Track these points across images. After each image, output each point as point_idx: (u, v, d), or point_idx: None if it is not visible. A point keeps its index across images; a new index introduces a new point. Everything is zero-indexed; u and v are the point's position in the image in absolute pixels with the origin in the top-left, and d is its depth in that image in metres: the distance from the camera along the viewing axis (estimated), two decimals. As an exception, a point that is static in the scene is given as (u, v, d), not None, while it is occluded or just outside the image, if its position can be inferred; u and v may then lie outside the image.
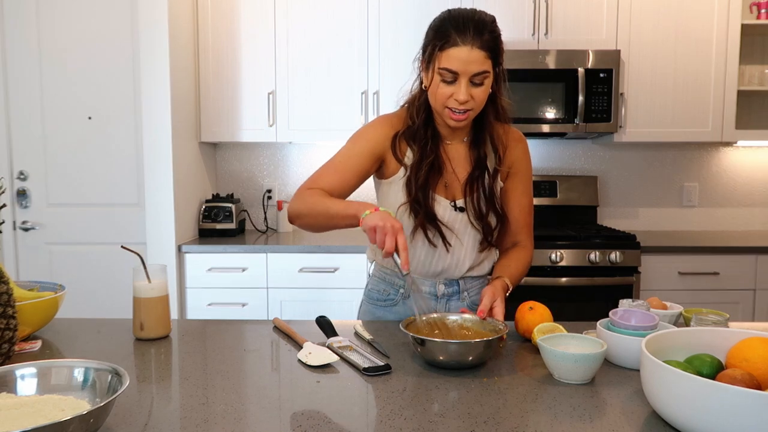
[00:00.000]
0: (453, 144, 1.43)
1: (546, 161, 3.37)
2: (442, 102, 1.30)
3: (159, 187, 2.76)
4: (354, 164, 1.39)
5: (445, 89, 1.28)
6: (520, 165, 1.47)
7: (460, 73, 1.25)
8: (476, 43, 1.23)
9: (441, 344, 1.09)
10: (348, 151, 1.41)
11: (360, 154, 1.39)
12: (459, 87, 1.26)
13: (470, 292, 1.49)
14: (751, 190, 3.37)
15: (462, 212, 1.41)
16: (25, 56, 2.97)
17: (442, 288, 1.47)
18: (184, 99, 2.89)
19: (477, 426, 0.87)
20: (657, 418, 0.89)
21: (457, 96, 1.26)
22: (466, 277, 1.48)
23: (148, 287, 1.30)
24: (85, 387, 0.91)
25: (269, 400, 0.98)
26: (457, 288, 1.48)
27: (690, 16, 2.94)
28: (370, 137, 1.41)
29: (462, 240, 1.43)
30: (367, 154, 1.39)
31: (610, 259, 2.68)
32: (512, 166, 1.46)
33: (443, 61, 1.26)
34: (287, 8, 2.97)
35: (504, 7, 2.93)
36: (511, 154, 1.45)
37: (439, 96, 1.29)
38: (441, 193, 1.41)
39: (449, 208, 1.41)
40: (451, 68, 1.25)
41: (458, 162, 1.42)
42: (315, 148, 3.37)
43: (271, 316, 2.80)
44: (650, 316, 1.14)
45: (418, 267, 1.46)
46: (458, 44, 1.23)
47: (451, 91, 1.28)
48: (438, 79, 1.28)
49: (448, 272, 1.46)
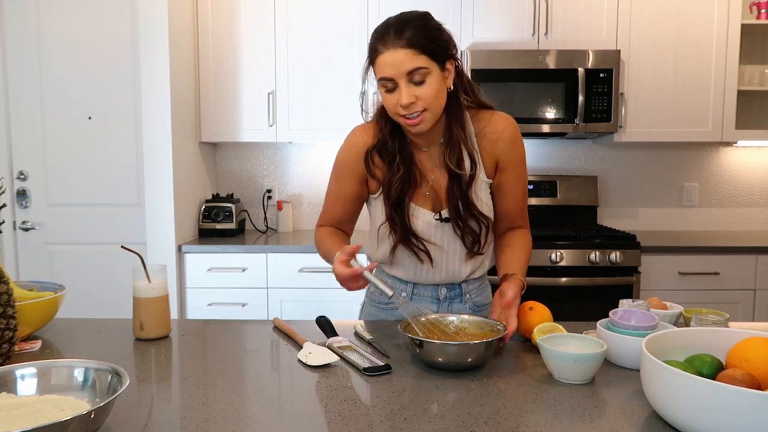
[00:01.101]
0: (430, 150, 1.37)
1: (546, 161, 3.37)
2: (393, 111, 1.26)
3: (159, 187, 2.76)
4: (346, 193, 1.43)
5: (390, 98, 1.25)
6: (509, 156, 1.37)
7: (395, 77, 1.22)
8: (399, 44, 1.20)
9: (439, 346, 1.09)
10: (336, 181, 1.45)
11: (347, 183, 1.42)
12: (401, 92, 1.23)
13: (472, 294, 1.48)
14: (751, 190, 3.37)
15: (448, 222, 1.37)
16: (25, 56, 2.97)
17: (444, 291, 1.46)
18: (184, 99, 2.89)
19: (477, 426, 0.87)
20: (657, 418, 0.89)
21: (402, 101, 1.22)
22: (468, 280, 1.47)
23: (148, 287, 1.30)
24: (85, 387, 0.91)
25: (269, 400, 0.98)
26: (459, 291, 1.47)
27: (690, 16, 2.94)
28: (347, 161, 1.41)
29: (450, 251, 1.39)
30: (352, 179, 1.41)
31: (610, 259, 2.68)
32: (499, 160, 1.37)
33: (378, 72, 1.24)
34: (287, 8, 2.97)
35: (504, 7, 2.93)
36: (495, 147, 1.36)
37: (389, 106, 1.26)
38: (423, 205, 1.37)
39: (432, 221, 1.37)
40: (385, 76, 1.22)
41: (438, 169, 1.36)
42: (315, 148, 3.37)
43: (271, 316, 2.80)
44: (650, 316, 1.14)
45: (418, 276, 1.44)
46: (381, 51, 1.22)
47: (396, 99, 1.24)
48: (382, 90, 1.26)
49: (447, 280, 1.45)
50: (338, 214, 1.46)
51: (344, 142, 1.43)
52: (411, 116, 1.24)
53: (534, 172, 3.36)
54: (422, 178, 1.36)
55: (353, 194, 1.43)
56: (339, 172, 1.44)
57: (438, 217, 1.36)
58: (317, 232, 1.48)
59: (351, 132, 1.43)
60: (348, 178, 1.41)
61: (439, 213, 1.36)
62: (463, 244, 1.38)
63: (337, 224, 1.48)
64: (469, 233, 1.36)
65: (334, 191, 1.45)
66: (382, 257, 1.46)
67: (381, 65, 1.22)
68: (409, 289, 1.46)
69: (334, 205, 1.46)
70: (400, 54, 1.20)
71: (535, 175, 3.27)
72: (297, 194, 3.40)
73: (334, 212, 1.46)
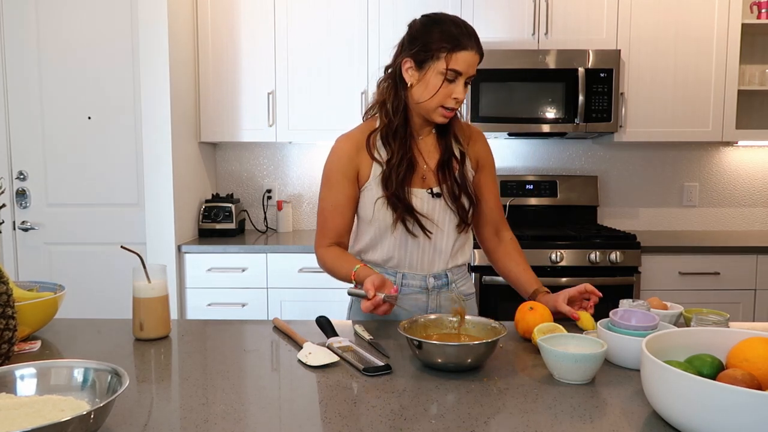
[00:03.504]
0: (423, 138, 1.50)
1: (546, 161, 3.36)
2: (440, 100, 1.37)
3: (159, 187, 2.76)
4: (341, 199, 1.47)
5: (446, 89, 1.36)
6: (487, 158, 1.57)
7: (463, 74, 1.36)
8: (477, 49, 1.36)
9: (439, 347, 1.08)
10: (330, 191, 1.48)
11: (340, 188, 1.46)
12: (459, 87, 1.37)
13: (458, 283, 1.54)
14: (751, 190, 3.37)
15: (439, 197, 1.47)
16: (25, 56, 2.97)
17: (431, 281, 1.50)
18: (184, 99, 2.89)
19: (477, 426, 0.87)
20: (657, 418, 0.89)
21: (457, 95, 1.37)
22: (452, 268, 1.52)
23: (148, 287, 1.30)
24: (85, 387, 0.91)
25: (269, 400, 0.98)
26: (446, 280, 1.52)
27: (690, 16, 2.94)
28: (337, 167, 1.47)
29: (441, 226, 1.48)
30: (344, 182, 1.46)
31: (611, 259, 2.68)
32: (479, 159, 1.55)
33: (452, 63, 1.34)
34: (287, 8, 2.97)
35: (504, 7, 2.93)
36: (475, 146, 1.54)
37: (440, 95, 1.37)
38: (417, 186, 1.47)
39: (426, 197, 1.46)
40: (458, 69, 1.34)
41: (429, 154, 1.49)
42: (315, 148, 3.37)
43: (271, 316, 2.80)
44: (650, 316, 1.14)
45: (408, 263, 1.48)
46: (468, 48, 1.34)
47: (451, 91, 1.37)
48: (439, 79, 1.35)
49: (436, 263, 1.49)
50: (337, 225, 1.48)
51: (330, 153, 1.50)
52: (451, 109, 1.40)
53: (534, 172, 3.35)
54: (417, 163, 1.47)
55: (348, 198, 1.47)
56: (330, 180, 1.48)
57: (430, 192, 1.46)
58: (324, 255, 1.49)
59: (335, 142, 1.50)
60: (341, 182, 1.46)
61: (431, 189, 1.47)
62: (451, 220, 1.48)
63: (337, 238, 1.50)
64: (460, 207, 1.48)
65: (330, 202, 1.48)
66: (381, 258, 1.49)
67: (460, 59, 1.34)
68: (398, 280, 1.49)
69: (332, 217, 1.48)
70: (477, 58, 1.37)
71: (535, 175, 3.27)
72: (297, 194, 3.40)
73: (333, 225, 1.48)
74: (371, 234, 1.48)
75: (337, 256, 1.47)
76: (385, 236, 1.46)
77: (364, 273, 1.34)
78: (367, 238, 1.49)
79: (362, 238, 1.52)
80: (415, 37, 1.39)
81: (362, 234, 1.52)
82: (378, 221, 1.45)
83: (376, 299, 1.23)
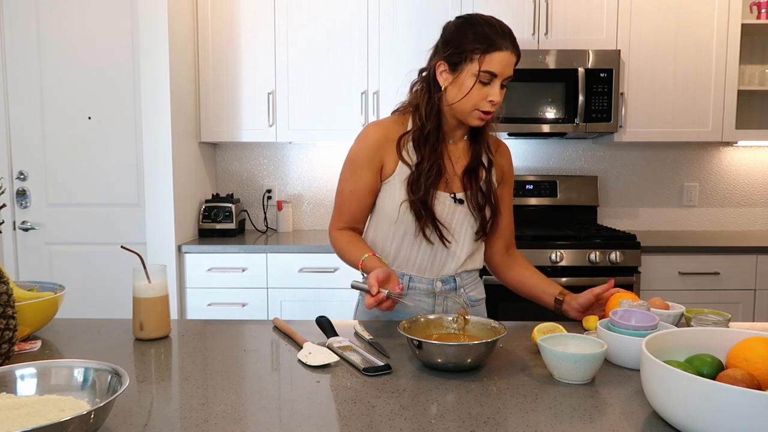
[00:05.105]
0: (455, 142, 1.48)
1: (546, 161, 3.37)
2: (475, 103, 1.34)
3: (159, 187, 2.76)
4: (362, 186, 1.44)
5: (480, 91, 1.33)
6: (510, 173, 1.56)
7: (499, 76, 1.32)
8: (513, 50, 1.32)
9: (439, 347, 1.08)
10: (352, 176, 1.45)
11: (363, 175, 1.44)
12: (494, 89, 1.33)
13: (467, 288, 1.51)
14: (751, 190, 3.37)
15: (461, 204, 1.45)
16: (25, 56, 2.97)
17: (439, 285, 1.47)
18: (184, 99, 2.89)
19: (477, 426, 0.87)
20: (657, 418, 0.89)
21: (493, 97, 1.33)
22: (461, 273, 1.49)
23: (148, 287, 1.30)
24: (85, 387, 0.91)
25: (269, 400, 0.98)
26: (454, 285, 1.48)
27: (690, 16, 2.94)
28: (363, 153, 1.44)
29: (459, 233, 1.46)
30: (368, 170, 1.44)
31: (611, 259, 2.68)
32: (504, 173, 1.53)
33: (486, 64, 1.30)
34: (287, 8, 2.97)
35: (504, 7, 2.93)
36: (502, 159, 1.53)
37: (475, 97, 1.33)
38: (441, 189, 1.44)
39: (449, 201, 1.44)
40: (493, 70, 1.31)
41: (457, 158, 1.47)
42: (315, 148, 3.37)
43: (271, 316, 2.80)
44: (650, 316, 1.14)
45: (417, 266, 1.47)
46: (502, 49, 1.30)
47: (486, 93, 1.33)
48: (472, 81, 1.32)
49: (446, 267, 1.47)
50: (354, 211, 1.47)
51: (357, 138, 1.47)
52: (487, 112, 1.35)
53: (534, 172, 3.36)
54: (445, 168, 1.44)
55: (369, 186, 1.44)
56: (354, 166, 1.45)
57: (453, 197, 1.44)
58: (337, 237, 1.48)
59: (366, 127, 1.48)
60: (364, 168, 1.43)
61: (454, 194, 1.44)
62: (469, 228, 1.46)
63: (353, 223, 1.49)
64: (483, 216, 1.46)
65: (350, 187, 1.46)
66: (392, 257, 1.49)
67: (495, 60, 1.30)
68: (404, 282, 1.47)
69: (350, 203, 1.46)
70: (513, 59, 1.33)
71: (535, 175, 3.27)
72: (297, 194, 3.40)
73: (350, 210, 1.47)
74: (384, 230, 1.47)
75: (348, 240, 1.45)
76: (401, 238, 1.45)
77: (371, 264, 1.32)
78: (381, 232, 1.48)
79: (375, 230, 1.49)
80: (449, 40, 1.36)
81: (376, 227, 1.49)
82: (402, 224, 1.43)
83: (379, 296, 1.21)
